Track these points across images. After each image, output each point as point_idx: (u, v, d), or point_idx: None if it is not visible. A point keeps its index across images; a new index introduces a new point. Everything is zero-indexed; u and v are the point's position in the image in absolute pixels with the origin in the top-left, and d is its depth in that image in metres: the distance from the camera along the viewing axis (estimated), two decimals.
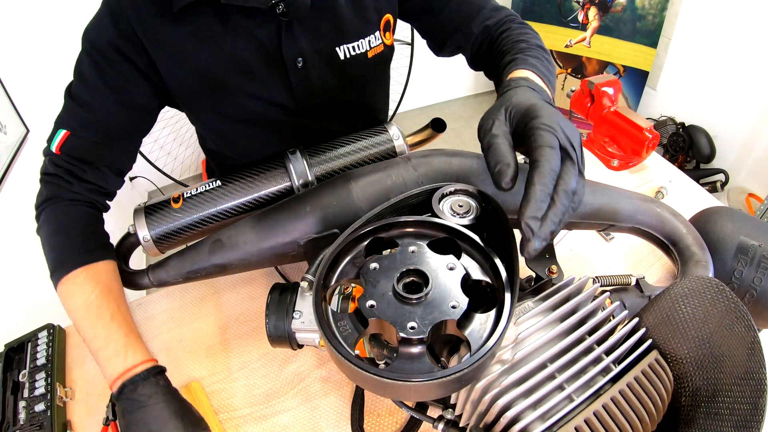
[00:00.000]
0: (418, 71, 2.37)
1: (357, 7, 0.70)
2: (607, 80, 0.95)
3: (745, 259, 0.59)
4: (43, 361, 0.64)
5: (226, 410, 0.61)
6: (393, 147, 0.76)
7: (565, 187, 0.40)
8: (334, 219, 0.57)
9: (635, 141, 0.89)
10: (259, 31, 0.64)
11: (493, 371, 0.41)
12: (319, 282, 0.41)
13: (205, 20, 0.62)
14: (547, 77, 0.58)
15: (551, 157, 0.40)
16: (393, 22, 0.76)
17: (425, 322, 0.38)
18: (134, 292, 0.71)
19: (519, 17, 0.74)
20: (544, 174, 0.40)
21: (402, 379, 0.35)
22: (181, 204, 0.67)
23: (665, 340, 0.46)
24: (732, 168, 2.06)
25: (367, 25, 0.71)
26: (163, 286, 0.64)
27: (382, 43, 0.74)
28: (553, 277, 0.58)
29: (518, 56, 0.61)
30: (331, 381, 0.63)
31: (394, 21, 0.76)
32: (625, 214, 0.61)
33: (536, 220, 0.39)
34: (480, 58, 0.75)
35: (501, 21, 0.72)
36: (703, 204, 0.76)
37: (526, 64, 0.58)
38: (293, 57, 0.67)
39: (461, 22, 0.73)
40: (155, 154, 2.12)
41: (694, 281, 0.46)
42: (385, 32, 0.74)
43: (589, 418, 0.38)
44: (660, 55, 2.21)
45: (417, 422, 0.57)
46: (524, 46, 0.64)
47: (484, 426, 0.42)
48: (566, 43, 2.39)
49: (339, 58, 0.71)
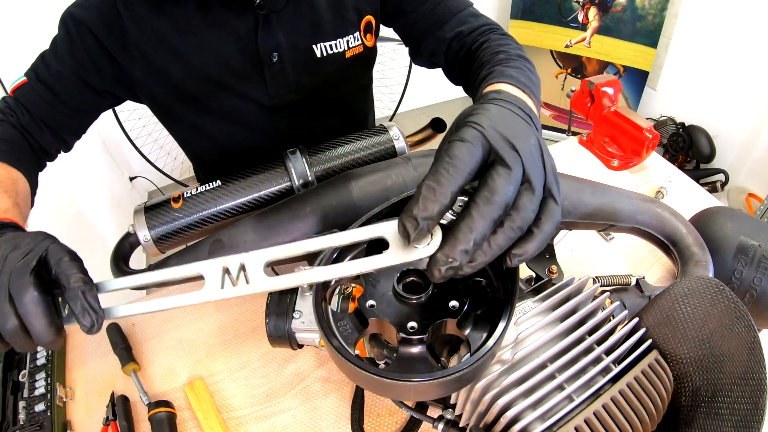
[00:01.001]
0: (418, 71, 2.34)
1: (336, 6, 0.70)
2: (607, 80, 0.95)
3: (745, 259, 0.59)
4: (43, 361, 0.64)
5: (227, 410, 0.61)
6: (393, 147, 0.76)
7: (475, 208, 0.30)
8: (334, 219, 0.57)
9: (635, 141, 0.89)
10: (238, 24, 0.66)
11: (493, 371, 0.41)
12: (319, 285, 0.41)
13: (187, 10, 0.64)
14: (528, 87, 0.50)
15: (457, 151, 0.31)
16: (375, 24, 0.76)
17: (425, 323, 0.38)
18: (134, 292, 0.71)
19: (501, 28, 0.70)
20: (431, 174, 0.31)
21: (402, 379, 0.35)
22: (181, 204, 0.67)
23: (665, 340, 0.46)
24: (732, 168, 2.06)
25: (345, 25, 0.72)
26: (163, 286, 0.64)
27: (362, 44, 0.75)
28: (553, 277, 0.58)
29: (495, 68, 0.55)
30: (331, 381, 0.63)
31: (377, 23, 0.76)
32: (625, 214, 0.61)
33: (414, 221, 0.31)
34: (457, 70, 0.72)
35: (477, 29, 0.68)
36: (703, 204, 0.76)
37: (503, 76, 0.51)
38: (269, 51, 0.68)
39: (434, 25, 0.71)
40: (155, 154, 2.12)
41: (694, 281, 0.46)
42: (366, 33, 0.75)
43: (589, 418, 0.38)
44: (660, 55, 2.21)
45: (417, 422, 0.57)
46: (503, 57, 0.59)
47: (484, 426, 0.42)
48: (566, 43, 2.39)
49: (315, 55, 0.71)
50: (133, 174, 2.21)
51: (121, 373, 0.65)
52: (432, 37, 0.71)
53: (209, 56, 0.67)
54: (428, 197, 0.30)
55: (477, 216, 0.30)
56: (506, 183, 0.31)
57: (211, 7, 0.64)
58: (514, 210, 0.32)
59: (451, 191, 0.30)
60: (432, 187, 0.30)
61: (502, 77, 0.50)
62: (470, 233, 0.30)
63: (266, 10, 0.65)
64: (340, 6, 0.71)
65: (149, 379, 0.65)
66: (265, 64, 0.69)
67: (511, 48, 0.61)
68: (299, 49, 0.70)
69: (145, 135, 2.04)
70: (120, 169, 2.13)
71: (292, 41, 0.69)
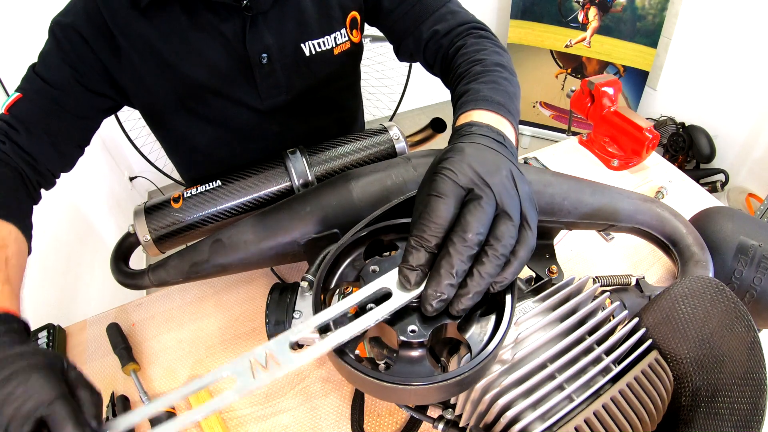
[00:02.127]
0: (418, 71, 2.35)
1: (320, 4, 0.70)
2: (607, 80, 0.95)
3: (745, 259, 0.59)
4: None
5: (226, 410, 0.61)
6: (393, 147, 0.76)
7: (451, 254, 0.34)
8: (334, 219, 0.57)
9: (635, 141, 0.89)
10: (225, 27, 0.65)
11: (493, 371, 0.41)
12: (319, 285, 0.41)
13: (173, 15, 0.63)
14: (504, 106, 0.50)
15: (434, 207, 0.35)
16: (360, 20, 0.76)
17: (425, 326, 0.37)
18: (134, 292, 0.71)
19: (480, 24, 0.68)
20: (415, 230, 0.36)
21: (401, 383, 0.34)
22: (181, 204, 0.67)
23: (665, 340, 0.46)
24: (732, 168, 2.06)
25: (331, 22, 0.72)
26: (163, 286, 0.64)
27: (348, 41, 0.75)
28: (553, 277, 0.58)
29: (470, 87, 0.54)
30: (331, 381, 0.63)
31: (362, 19, 0.76)
32: (625, 214, 0.61)
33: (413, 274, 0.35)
34: (436, 71, 0.71)
35: (454, 29, 0.66)
36: (703, 204, 0.76)
37: (477, 101, 0.50)
38: (258, 53, 0.67)
39: (412, 24, 0.70)
40: (155, 154, 2.12)
41: (694, 281, 0.46)
42: (351, 30, 0.75)
43: (589, 418, 0.38)
44: (660, 55, 2.21)
45: (417, 422, 0.57)
46: (479, 69, 0.57)
47: (484, 426, 0.42)
48: (566, 43, 2.39)
49: (304, 54, 0.71)
50: (133, 174, 2.21)
51: (121, 373, 0.65)
52: (411, 37, 0.71)
53: (198, 62, 0.66)
54: (418, 249, 0.35)
55: (454, 253, 0.34)
56: (479, 221, 0.34)
57: (197, 12, 0.63)
58: (494, 240, 0.35)
59: (435, 243, 0.35)
60: (418, 242, 0.35)
61: (477, 102, 0.50)
62: (451, 269, 0.34)
63: (253, 12, 0.64)
64: (325, 4, 0.70)
65: (149, 379, 0.65)
66: (255, 66, 0.68)
67: (488, 54, 0.60)
68: (288, 49, 0.70)
69: (145, 135, 2.04)
70: (120, 169, 2.13)
71: (280, 42, 0.69)
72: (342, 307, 0.37)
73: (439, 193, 0.35)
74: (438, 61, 0.69)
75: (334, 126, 0.85)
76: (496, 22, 2.67)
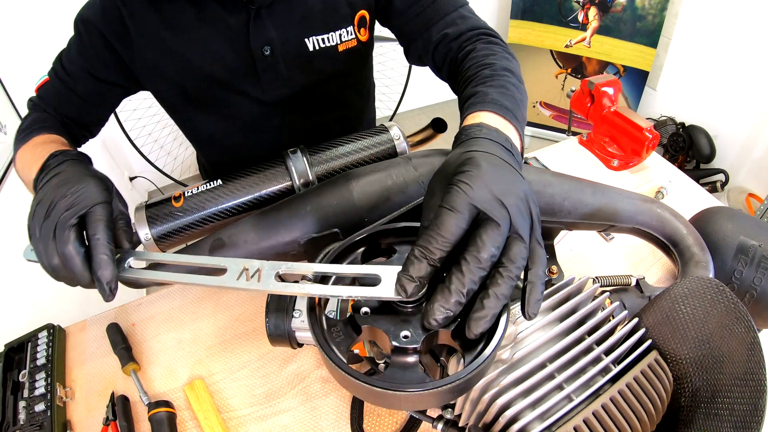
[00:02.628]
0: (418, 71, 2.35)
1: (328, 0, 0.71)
2: (607, 80, 0.95)
3: (745, 259, 0.59)
4: (43, 361, 0.64)
5: (226, 410, 0.61)
6: (394, 147, 0.76)
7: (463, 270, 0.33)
8: (335, 219, 0.57)
9: (635, 141, 0.89)
10: (230, 20, 0.67)
11: (493, 371, 0.41)
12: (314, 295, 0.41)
13: (180, 8, 0.66)
14: (512, 111, 0.50)
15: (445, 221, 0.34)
16: (369, 19, 0.76)
17: (419, 332, 0.37)
18: (134, 292, 0.71)
19: (491, 30, 0.67)
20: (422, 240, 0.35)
21: (393, 388, 0.34)
22: (182, 203, 0.67)
23: (665, 341, 0.46)
24: (732, 168, 2.06)
25: (337, 18, 0.72)
26: (163, 284, 0.64)
27: (355, 38, 0.75)
28: (553, 277, 0.58)
29: (479, 89, 0.53)
30: (331, 381, 0.63)
31: (371, 18, 0.76)
32: (626, 214, 0.61)
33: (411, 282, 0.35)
34: (444, 75, 0.70)
35: (464, 34, 0.66)
36: (703, 204, 0.76)
37: (485, 103, 0.50)
38: (260, 45, 0.68)
39: (422, 26, 0.69)
40: (155, 154, 2.12)
41: (694, 282, 0.46)
42: (360, 28, 0.75)
43: (588, 418, 0.38)
44: (660, 55, 2.21)
45: (416, 422, 0.57)
46: (488, 73, 0.56)
47: (483, 425, 0.42)
48: (566, 43, 2.39)
49: (308, 49, 0.72)
50: (133, 174, 2.21)
51: (121, 373, 0.65)
52: (420, 39, 0.70)
53: (203, 53, 0.68)
54: (420, 260, 0.34)
55: (467, 272, 0.33)
56: (493, 242, 0.34)
57: (203, 4, 0.65)
58: (508, 261, 0.34)
59: (439, 257, 0.34)
60: (423, 253, 0.34)
61: (485, 104, 0.50)
62: (462, 288, 0.33)
63: (257, 5, 0.66)
64: (333, 0, 0.71)
65: (149, 379, 0.65)
66: (258, 59, 0.69)
67: (497, 59, 0.59)
68: (291, 43, 0.70)
69: (145, 135, 2.04)
70: (120, 169, 2.13)
71: (284, 35, 0.70)
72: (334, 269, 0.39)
73: (452, 207, 0.34)
74: (446, 64, 0.68)
75: (338, 123, 0.85)
76: (496, 22, 2.67)
